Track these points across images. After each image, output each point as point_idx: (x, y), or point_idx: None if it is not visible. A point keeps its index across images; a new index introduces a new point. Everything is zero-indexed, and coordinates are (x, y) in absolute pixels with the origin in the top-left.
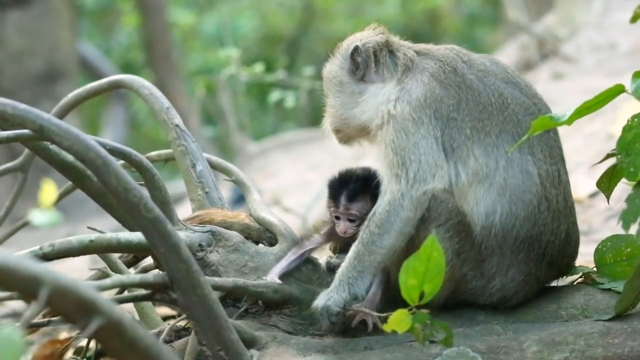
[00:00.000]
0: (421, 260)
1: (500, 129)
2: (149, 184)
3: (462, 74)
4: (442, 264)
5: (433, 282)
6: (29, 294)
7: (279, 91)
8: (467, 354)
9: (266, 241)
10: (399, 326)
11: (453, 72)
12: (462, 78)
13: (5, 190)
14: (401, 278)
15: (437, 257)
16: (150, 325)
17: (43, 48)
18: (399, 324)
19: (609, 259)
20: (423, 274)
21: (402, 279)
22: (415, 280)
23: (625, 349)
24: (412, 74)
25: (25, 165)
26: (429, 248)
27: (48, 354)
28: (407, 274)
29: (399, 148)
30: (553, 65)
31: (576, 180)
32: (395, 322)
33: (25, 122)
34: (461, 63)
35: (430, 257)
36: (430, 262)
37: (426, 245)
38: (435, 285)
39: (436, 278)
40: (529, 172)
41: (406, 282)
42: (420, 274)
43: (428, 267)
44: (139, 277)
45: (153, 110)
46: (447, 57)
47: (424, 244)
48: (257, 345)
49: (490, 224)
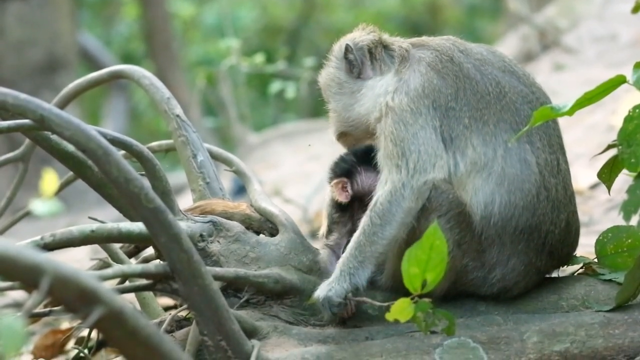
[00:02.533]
0: (424, 249)
1: (498, 117)
2: (149, 174)
3: (459, 62)
4: (445, 252)
5: (435, 271)
6: (30, 284)
7: (279, 82)
8: (468, 344)
9: (267, 231)
10: (402, 315)
11: (450, 62)
12: (459, 67)
13: (6, 181)
14: (403, 267)
15: (439, 246)
16: (151, 315)
17: (43, 38)
18: (401, 312)
19: (609, 250)
20: (425, 262)
21: (404, 267)
22: (418, 268)
23: (625, 339)
24: (409, 64)
25: (26, 155)
26: (432, 237)
27: (49, 344)
28: (410, 262)
29: (398, 139)
30: (554, 57)
31: (577, 172)
32: (398, 311)
33: (26, 112)
34: (458, 52)
35: (433, 245)
36: (433, 250)
37: (428, 234)
38: (438, 274)
39: (439, 266)
40: (527, 161)
41: (408, 270)
42: (422, 262)
43: (430, 256)
44: (140, 267)
45: (154, 100)
46: (443, 47)
47: (426, 233)
48: (258, 335)
49: (490, 213)
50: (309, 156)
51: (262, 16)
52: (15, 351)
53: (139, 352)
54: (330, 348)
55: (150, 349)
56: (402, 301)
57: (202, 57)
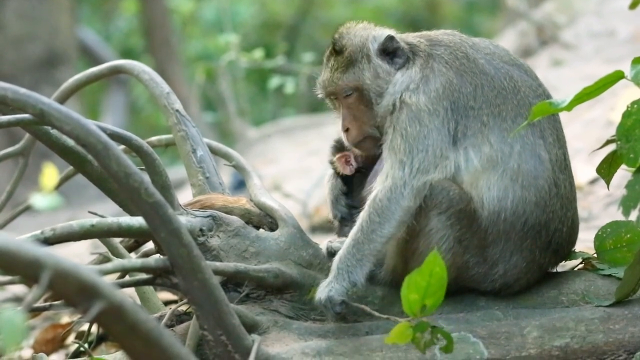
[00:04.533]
0: (423, 275)
1: (516, 113)
2: (149, 168)
3: (474, 58)
4: (444, 278)
5: (435, 297)
6: (30, 278)
7: (278, 77)
8: (468, 339)
9: (267, 226)
10: (400, 339)
11: (465, 58)
12: (474, 63)
13: (6, 175)
14: (403, 292)
15: (439, 272)
16: (151, 309)
17: (43, 33)
18: (399, 336)
19: (609, 245)
20: (425, 288)
21: (403, 293)
22: (417, 294)
23: (626, 334)
24: (427, 62)
25: (26, 149)
26: (431, 263)
27: (50, 339)
28: (409, 288)
29: (410, 136)
30: (552, 52)
31: (576, 167)
32: (397, 335)
33: (26, 106)
34: (469, 48)
35: (433, 272)
36: (433, 277)
37: (429, 261)
38: (437, 300)
39: (438, 292)
40: (541, 158)
41: (408, 296)
42: (422, 289)
43: (430, 282)
44: (140, 262)
45: (153, 95)
46: (455, 43)
47: (426, 260)
48: (259, 330)
49: (501, 209)
50: (308, 151)
51: (261, 11)
52: (15, 345)
53: (139, 347)
54: (330, 343)
55: (150, 343)
56: (401, 325)
57: (202, 52)
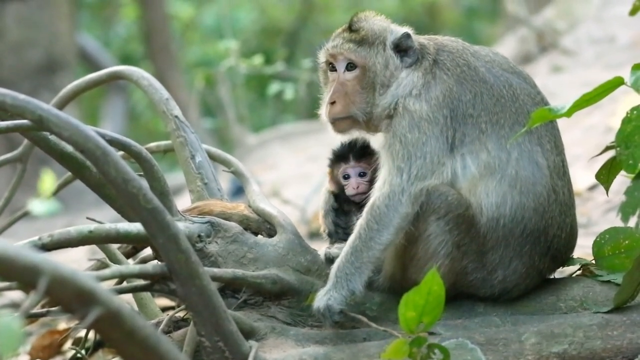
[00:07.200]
0: (421, 294)
1: (514, 120)
2: (148, 174)
3: (475, 67)
4: (442, 296)
5: (432, 315)
6: (28, 284)
7: (278, 83)
8: (466, 345)
9: (265, 232)
10: (397, 355)
11: (467, 66)
12: (475, 71)
13: (4, 181)
14: (400, 310)
15: (437, 291)
16: (149, 315)
17: (42, 39)
18: (396, 353)
19: (607, 252)
20: (422, 307)
21: (401, 311)
22: (415, 312)
23: (624, 341)
24: (430, 67)
25: (24, 155)
26: (430, 282)
27: (47, 345)
28: (407, 306)
29: (409, 143)
30: (552, 58)
31: (575, 173)
32: (393, 351)
33: (25, 112)
34: (470, 55)
35: (431, 290)
36: (430, 295)
37: (427, 280)
38: (434, 317)
39: (435, 310)
40: (539, 164)
41: (405, 314)
42: (419, 307)
43: (428, 300)
44: (138, 268)
45: (152, 101)
46: (458, 50)
47: (425, 279)
48: (256, 336)
49: (500, 215)
50: (307, 157)
51: (261, 17)
52: (12, 352)
53: (136, 353)
54: (327, 349)
55: (147, 349)
56: (398, 342)
57: (201, 58)
